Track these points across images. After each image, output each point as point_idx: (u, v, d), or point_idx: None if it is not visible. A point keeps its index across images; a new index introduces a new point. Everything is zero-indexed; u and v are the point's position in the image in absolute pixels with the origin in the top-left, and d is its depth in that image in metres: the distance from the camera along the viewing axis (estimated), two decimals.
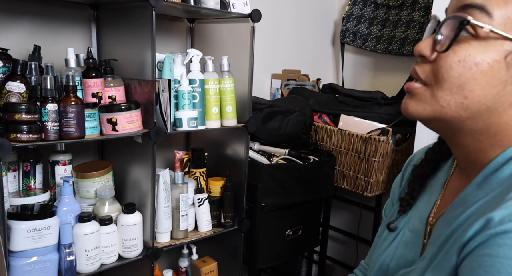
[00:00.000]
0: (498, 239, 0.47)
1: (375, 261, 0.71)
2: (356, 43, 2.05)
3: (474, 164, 0.59)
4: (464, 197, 0.58)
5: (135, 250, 1.20)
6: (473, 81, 0.51)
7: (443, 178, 0.68)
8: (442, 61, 0.53)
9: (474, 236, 0.49)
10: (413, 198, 0.71)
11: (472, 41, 0.51)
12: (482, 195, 0.55)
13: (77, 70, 1.12)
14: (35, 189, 1.16)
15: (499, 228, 0.47)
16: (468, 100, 0.52)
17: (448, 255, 0.53)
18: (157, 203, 1.24)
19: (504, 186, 0.52)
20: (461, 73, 0.51)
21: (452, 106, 0.53)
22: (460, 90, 0.52)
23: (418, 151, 0.80)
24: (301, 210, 1.65)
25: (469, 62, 0.51)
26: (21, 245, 0.98)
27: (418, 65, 0.57)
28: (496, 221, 0.47)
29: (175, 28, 1.54)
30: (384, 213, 0.83)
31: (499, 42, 0.50)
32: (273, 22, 1.93)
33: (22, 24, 1.21)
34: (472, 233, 0.50)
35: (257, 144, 1.65)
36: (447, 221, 0.58)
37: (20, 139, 0.95)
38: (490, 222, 0.48)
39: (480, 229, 0.49)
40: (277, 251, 1.60)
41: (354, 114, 1.68)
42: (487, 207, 0.51)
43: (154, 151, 1.16)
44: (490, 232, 0.47)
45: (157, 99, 1.17)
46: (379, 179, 1.67)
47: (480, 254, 0.48)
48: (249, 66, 1.36)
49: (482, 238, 0.48)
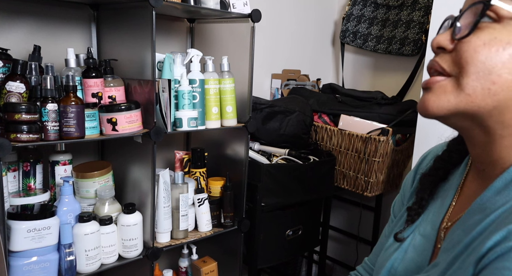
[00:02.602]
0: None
1: (382, 264, 0.69)
2: (356, 43, 2.05)
3: (493, 165, 0.56)
4: (482, 202, 0.54)
5: (135, 250, 1.20)
6: (501, 64, 0.49)
7: (457, 181, 0.65)
8: (466, 46, 0.51)
9: (493, 247, 0.47)
10: (421, 207, 0.68)
11: (496, 25, 0.50)
12: (502, 201, 0.52)
13: (77, 70, 1.12)
14: (35, 189, 1.16)
15: None
16: (496, 86, 0.49)
17: (465, 265, 0.50)
18: (157, 203, 1.24)
19: None
20: (487, 56, 0.49)
21: (479, 94, 0.50)
22: (488, 74, 0.49)
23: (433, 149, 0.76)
24: (301, 210, 1.65)
25: (495, 45, 0.49)
26: (21, 245, 0.98)
27: (438, 57, 0.55)
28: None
29: (175, 28, 1.54)
30: (392, 210, 0.80)
31: None
32: (273, 22, 1.93)
33: (22, 24, 1.21)
34: (492, 244, 0.47)
35: (257, 144, 1.65)
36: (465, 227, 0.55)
37: (20, 139, 0.95)
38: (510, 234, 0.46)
39: (500, 240, 0.46)
40: (277, 251, 1.59)
41: (354, 114, 1.68)
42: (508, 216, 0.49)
43: (154, 151, 1.16)
44: (510, 244, 0.45)
45: (157, 99, 1.17)
46: (379, 179, 1.67)
47: (498, 267, 0.45)
48: (249, 66, 1.36)
49: (502, 250, 0.46)
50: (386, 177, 1.71)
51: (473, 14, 0.52)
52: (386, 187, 1.75)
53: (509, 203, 0.50)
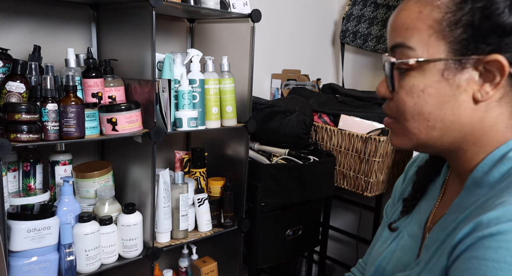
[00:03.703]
0: (485, 242, 0.47)
1: (372, 263, 0.72)
2: (356, 43, 2.05)
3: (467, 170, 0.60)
4: (459, 202, 0.58)
5: (135, 250, 1.20)
6: (427, 105, 0.55)
7: (439, 183, 0.68)
8: (396, 98, 0.58)
9: (463, 238, 0.50)
10: (416, 199, 0.71)
11: (412, 72, 0.56)
12: (474, 199, 0.55)
13: (77, 70, 1.12)
14: (35, 189, 1.16)
15: (486, 231, 0.47)
16: (431, 122, 0.56)
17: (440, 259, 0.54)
18: (157, 203, 1.24)
19: (495, 191, 0.53)
20: (415, 102, 0.56)
21: (423, 131, 0.57)
22: (420, 115, 0.56)
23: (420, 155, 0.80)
24: (301, 210, 1.65)
25: (415, 91, 0.55)
26: (21, 245, 0.98)
27: (385, 104, 0.62)
28: (484, 224, 0.48)
29: (175, 28, 1.54)
30: (385, 213, 0.83)
31: (431, 65, 0.54)
32: (273, 22, 1.93)
33: (22, 24, 1.21)
34: (461, 236, 0.50)
35: (257, 144, 1.65)
36: (443, 226, 0.59)
37: (20, 139, 0.95)
38: (478, 225, 0.49)
39: (469, 232, 0.49)
40: (277, 251, 1.59)
41: (354, 114, 1.68)
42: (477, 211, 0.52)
43: (154, 151, 1.16)
44: (477, 234, 0.48)
45: (157, 99, 1.17)
46: (379, 179, 1.67)
47: (467, 257, 0.48)
48: (249, 66, 1.36)
49: (470, 240, 0.49)
50: (386, 177, 1.71)
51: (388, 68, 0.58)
52: (386, 187, 1.75)
53: (480, 200, 0.54)
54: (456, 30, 0.52)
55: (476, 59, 0.52)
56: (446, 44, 0.53)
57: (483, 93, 0.53)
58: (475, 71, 0.53)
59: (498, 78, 0.52)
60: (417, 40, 0.55)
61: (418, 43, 0.55)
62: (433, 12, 0.53)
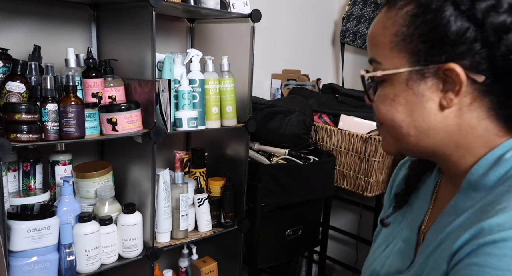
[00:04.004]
0: (486, 249, 0.47)
1: (368, 267, 0.72)
2: (356, 43, 2.05)
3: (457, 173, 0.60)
4: (454, 204, 0.58)
5: (135, 250, 1.20)
6: (398, 113, 0.58)
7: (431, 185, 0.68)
8: (374, 106, 0.62)
9: (463, 245, 0.50)
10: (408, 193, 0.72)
11: (384, 83, 0.59)
12: (471, 203, 0.55)
13: (77, 70, 1.12)
14: (35, 189, 1.16)
15: (488, 238, 0.47)
16: (405, 128, 0.58)
17: (437, 264, 0.53)
18: (157, 203, 1.24)
19: (494, 195, 0.52)
20: (387, 110, 0.59)
21: (400, 137, 0.59)
22: (394, 122, 0.59)
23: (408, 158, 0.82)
24: (301, 210, 1.65)
25: (387, 100, 0.58)
26: (21, 245, 0.98)
27: None
28: (486, 230, 0.48)
29: (175, 28, 1.54)
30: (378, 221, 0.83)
31: (397, 76, 0.56)
32: (273, 22, 1.93)
33: (22, 24, 1.21)
34: (462, 243, 0.50)
35: (257, 144, 1.65)
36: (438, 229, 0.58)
37: (20, 139, 0.95)
38: (480, 232, 0.48)
39: (470, 238, 0.49)
40: (277, 251, 1.59)
41: (354, 114, 1.68)
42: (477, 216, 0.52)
43: (154, 151, 1.16)
44: (479, 241, 0.48)
45: (157, 99, 1.17)
46: (379, 179, 1.67)
47: (468, 263, 0.48)
48: (249, 66, 1.36)
49: (471, 247, 0.48)
50: (386, 177, 1.71)
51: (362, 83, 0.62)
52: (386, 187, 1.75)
53: (478, 204, 0.54)
54: (413, 42, 0.54)
55: (435, 69, 0.54)
56: (406, 56, 0.55)
57: (448, 100, 0.54)
58: (436, 80, 0.54)
59: (458, 86, 0.53)
60: (382, 54, 0.58)
61: (383, 57, 0.58)
62: (392, 26, 0.56)
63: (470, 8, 0.50)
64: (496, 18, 0.50)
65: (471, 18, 0.50)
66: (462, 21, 0.51)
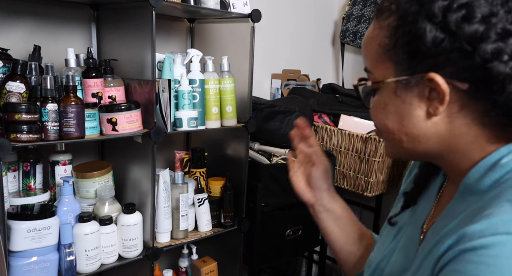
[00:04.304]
0: (467, 256, 0.46)
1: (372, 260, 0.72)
2: (356, 43, 2.05)
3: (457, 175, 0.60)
4: (451, 207, 0.58)
5: (135, 250, 1.20)
6: (388, 120, 0.60)
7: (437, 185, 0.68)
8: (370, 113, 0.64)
9: (447, 250, 0.50)
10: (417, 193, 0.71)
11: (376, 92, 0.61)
12: (465, 207, 0.55)
13: (77, 70, 1.12)
14: (35, 189, 1.16)
15: (468, 245, 0.46)
16: (397, 135, 0.60)
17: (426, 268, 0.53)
18: (157, 203, 1.24)
19: (485, 200, 0.52)
20: (379, 117, 0.61)
21: (395, 143, 0.61)
22: (387, 129, 0.60)
23: None
24: (301, 210, 1.64)
25: (379, 108, 0.60)
26: (21, 245, 0.98)
27: None
28: (467, 236, 0.47)
29: (175, 28, 1.54)
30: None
31: (385, 85, 0.58)
32: (273, 22, 1.93)
33: (22, 24, 1.21)
34: (445, 248, 0.50)
35: (257, 144, 1.65)
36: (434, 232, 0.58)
37: (20, 139, 0.95)
38: (462, 237, 0.48)
39: (452, 244, 0.49)
40: (277, 251, 1.59)
41: (354, 114, 1.68)
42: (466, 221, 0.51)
43: (154, 151, 1.16)
44: (459, 247, 0.47)
45: (157, 99, 1.17)
46: (379, 179, 1.67)
47: (450, 270, 0.48)
48: (249, 66, 1.36)
49: (453, 253, 0.48)
50: (386, 177, 1.71)
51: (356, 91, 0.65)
52: (386, 187, 1.75)
53: (470, 209, 0.54)
54: (397, 52, 0.55)
55: (418, 78, 0.55)
56: (392, 66, 0.56)
57: (434, 108, 0.55)
58: (421, 89, 0.55)
59: (441, 95, 0.53)
60: (372, 64, 0.60)
61: (372, 67, 0.60)
62: (378, 37, 0.58)
63: (443, 20, 0.51)
64: (468, 28, 0.50)
65: (445, 29, 0.51)
66: (437, 32, 0.51)
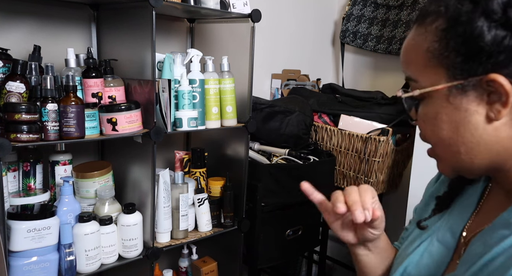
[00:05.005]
0: None
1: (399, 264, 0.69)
2: (356, 43, 2.05)
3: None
4: (507, 218, 0.55)
5: (135, 250, 1.20)
6: (443, 131, 0.56)
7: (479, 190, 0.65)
8: (419, 126, 0.60)
9: None
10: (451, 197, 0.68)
11: (423, 102, 0.57)
12: None
13: (77, 70, 1.12)
14: (35, 189, 1.16)
15: None
16: (454, 147, 0.56)
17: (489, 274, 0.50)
18: (157, 203, 1.24)
19: None
20: (431, 129, 0.57)
21: (451, 156, 0.57)
22: (442, 141, 0.57)
23: None
24: (301, 210, 1.65)
25: (429, 119, 0.57)
26: (21, 245, 0.98)
27: None
28: None
29: (175, 28, 1.54)
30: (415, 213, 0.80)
31: (436, 93, 0.55)
32: (273, 22, 1.93)
33: (22, 24, 1.21)
34: None
35: (257, 144, 1.65)
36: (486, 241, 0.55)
37: (20, 139, 0.95)
38: None
39: None
40: (277, 251, 1.59)
41: (354, 114, 1.68)
42: None
43: (154, 151, 1.16)
44: None
45: (157, 99, 1.17)
46: (379, 179, 1.67)
47: None
48: (249, 66, 1.36)
49: None
50: (386, 177, 1.71)
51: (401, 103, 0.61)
52: (386, 187, 1.75)
53: None
54: (447, 56, 0.52)
55: (475, 81, 0.51)
56: (443, 71, 0.53)
57: (495, 112, 0.52)
58: (479, 92, 0.52)
59: (504, 97, 0.50)
60: (417, 72, 0.56)
61: (418, 75, 0.56)
62: (424, 42, 0.55)
63: (503, 16, 0.48)
64: None
65: (506, 26, 0.48)
66: (496, 30, 0.49)
